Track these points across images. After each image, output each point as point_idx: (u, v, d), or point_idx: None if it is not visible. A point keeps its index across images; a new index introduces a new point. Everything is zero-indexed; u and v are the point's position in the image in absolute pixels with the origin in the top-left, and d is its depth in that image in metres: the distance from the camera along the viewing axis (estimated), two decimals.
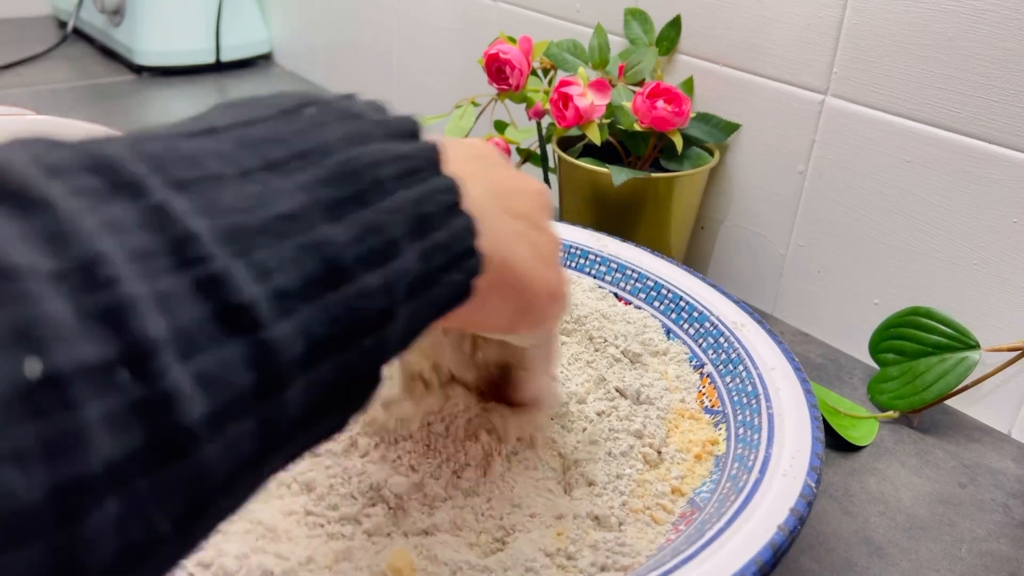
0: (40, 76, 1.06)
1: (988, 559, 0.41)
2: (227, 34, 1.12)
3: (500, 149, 0.34)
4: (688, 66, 0.64)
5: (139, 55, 1.08)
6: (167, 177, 0.17)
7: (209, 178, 0.18)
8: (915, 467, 0.47)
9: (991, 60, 0.47)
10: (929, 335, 0.50)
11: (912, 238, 0.53)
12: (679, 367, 0.46)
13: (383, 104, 0.25)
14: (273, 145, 0.20)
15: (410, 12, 0.92)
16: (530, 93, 0.65)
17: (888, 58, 0.52)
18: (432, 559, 0.33)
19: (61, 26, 1.27)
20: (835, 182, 0.56)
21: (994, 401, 0.51)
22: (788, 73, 0.57)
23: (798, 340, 0.60)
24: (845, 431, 0.48)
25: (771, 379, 0.41)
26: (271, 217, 0.18)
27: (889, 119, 0.53)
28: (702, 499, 0.37)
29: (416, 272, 0.22)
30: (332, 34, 1.06)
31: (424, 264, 0.22)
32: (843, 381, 0.55)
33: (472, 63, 0.84)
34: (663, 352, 0.47)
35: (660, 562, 0.31)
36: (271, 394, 0.17)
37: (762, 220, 0.62)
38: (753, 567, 0.29)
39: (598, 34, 0.64)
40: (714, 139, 0.61)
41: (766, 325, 0.46)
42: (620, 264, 0.53)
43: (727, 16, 0.60)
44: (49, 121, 0.60)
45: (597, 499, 0.37)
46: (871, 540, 0.42)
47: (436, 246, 0.23)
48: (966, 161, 0.49)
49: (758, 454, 0.37)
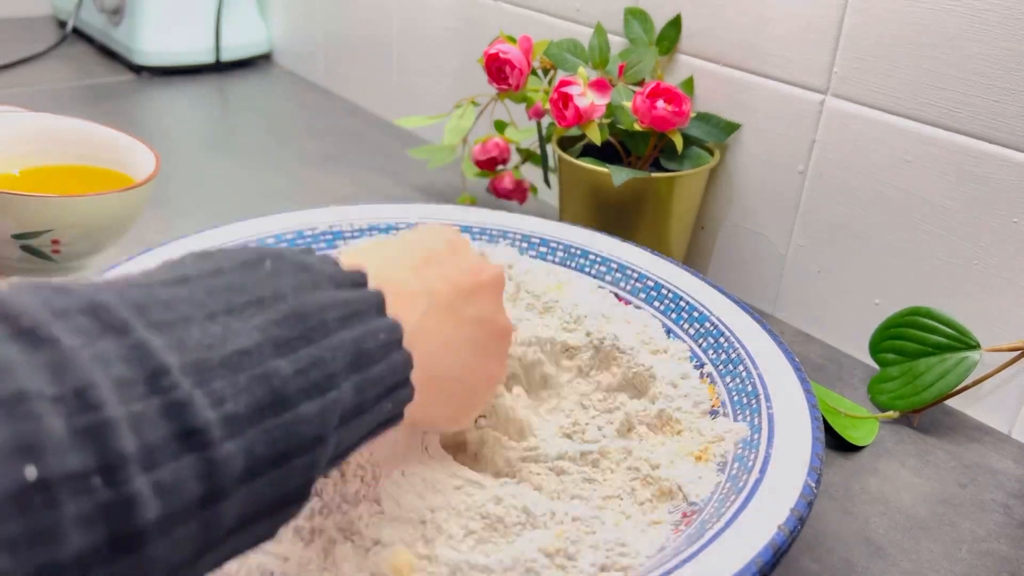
0: (40, 76, 1.06)
1: (988, 559, 0.41)
2: (227, 34, 1.12)
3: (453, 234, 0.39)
4: (688, 66, 0.64)
5: (139, 55, 1.08)
6: (147, 319, 0.21)
7: (181, 320, 0.22)
8: (915, 467, 0.47)
9: (991, 60, 0.47)
10: (929, 335, 0.50)
11: (912, 238, 0.53)
12: (679, 365, 0.46)
13: (335, 258, 0.29)
14: (235, 293, 0.24)
15: (410, 12, 0.92)
16: (530, 93, 0.65)
17: (888, 58, 0.52)
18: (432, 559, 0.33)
19: (61, 26, 1.27)
20: (835, 182, 0.56)
21: (994, 401, 0.51)
22: (788, 73, 0.57)
23: (798, 340, 0.60)
24: (845, 431, 0.48)
25: (771, 379, 0.41)
26: (229, 353, 0.22)
27: (889, 119, 0.53)
28: (702, 499, 0.37)
29: (349, 403, 0.26)
30: (332, 34, 1.06)
31: (357, 396, 0.26)
32: (843, 381, 0.55)
33: (472, 63, 0.84)
34: (663, 350, 0.47)
35: (660, 562, 0.31)
36: (213, 503, 0.21)
37: (762, 220, 0.62)
38: (753, 567, 0.29)
39: (598, 34, 0.64)
40: (714, 139, 0.61)
41: (766, 325, 0.46)
42: (620, 264, 0.53)
43: (727, 16, 0.60)
44: (39, 118, 0.60)
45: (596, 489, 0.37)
46: (871, 540, 0.42)
47: (370, 379, 0.27)
48: (966, 161, 0.49)
49: (758, 454, 0.37)
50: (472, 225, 0.56)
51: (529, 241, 0.55)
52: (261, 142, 0.92)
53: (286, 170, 0.84)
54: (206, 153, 0.87)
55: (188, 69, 1.11)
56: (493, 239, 0.56)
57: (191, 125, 0.96)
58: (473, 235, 0.56)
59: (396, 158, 0.88)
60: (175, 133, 0.92)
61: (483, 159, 0.71)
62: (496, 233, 0.56)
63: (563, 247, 0.55)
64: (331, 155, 0.88)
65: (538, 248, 0.55)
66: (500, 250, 0.54)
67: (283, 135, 0.94)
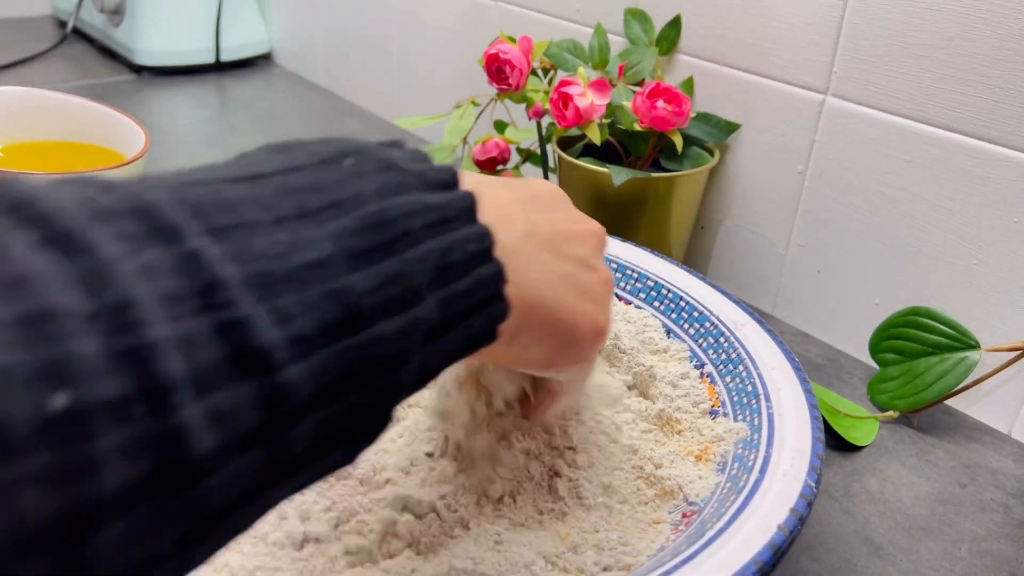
0: (40, 76, 1.06)
1: (988, 559, 0.41)
2: (227, 34, 1.12)
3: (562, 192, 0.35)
4: (688, 66, 0.64)
5: (139, 55, 1.08)
6: (204, 224, 0.19)
7: (244, 225, 0.19)
8: (915, 467, 0.47)
9: (991, 60, 0.47)
10: (929, 335, 0.50)
11: (912, 238, 0.53)
12: (679, 365, 0.46)
13: (424, 154, 0.26)
14: (310, 194, 0.22)
15: (410, 12, 0.92)
16: (530, 93, 0.65)
17: (888, 58, 0.52)
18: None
19: (61, 26, 1.27)
20: (835, 182, 0.56)
21: (994, 401, 0.51)
22: (788, 73, 0.57)
23: (798, 340, 0.60)
24: (845, 431, 0.48)
25: (771, 379, 0.41)
26: (298, 265, 0.20)
27: (889, 119, 0.53)
28: (702, 499, 0.37)
29: (434, 319, 0.23)
30: (332, 34, 1.06)
31: (443, 311, 0.24)
32: (843, 381, 0.55)
33: (472, 63, 0.84)
34: (663, 350, 0.47)
35: (660, 562, 0.31)
36: (279, 431, 0.19)
37: (762, 220, 0.62)
38: (753, 567, 0.29)
39: (598, 34, 0.64)
40: (714, 139, 0.61)
41: (766, 325, 0.46)
42: (620, 264, 0.53)
43: (727, 16, 0.60)
44: (25, 92, 0.58)
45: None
46: (871, 540, 0.42)
47: (457, 294, 0.24)
48: (966, 161, 0.49)
49: (758, 454, 0.37)
50: None
51: None
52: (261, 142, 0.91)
53: None
54: (206, 153, 0.87)
55: (188, 69, 1.11)
56: None
57: (191, 125, 0.96)
58: None
59: None
60: (175, 133, 0.92)
61: (483, 159, 0.71)
62: None
63: None
64: None
65: None
66: None
67: (283, 135, 0.94)
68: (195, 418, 0.17)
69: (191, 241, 0.18)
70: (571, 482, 0.38)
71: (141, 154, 0.53)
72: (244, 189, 0.21)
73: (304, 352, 0.19)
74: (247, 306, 0.18)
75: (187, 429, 0.17)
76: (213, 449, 0.17)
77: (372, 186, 0.23)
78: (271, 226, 0.20)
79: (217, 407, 0.17)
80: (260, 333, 0.18)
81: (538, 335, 0.30)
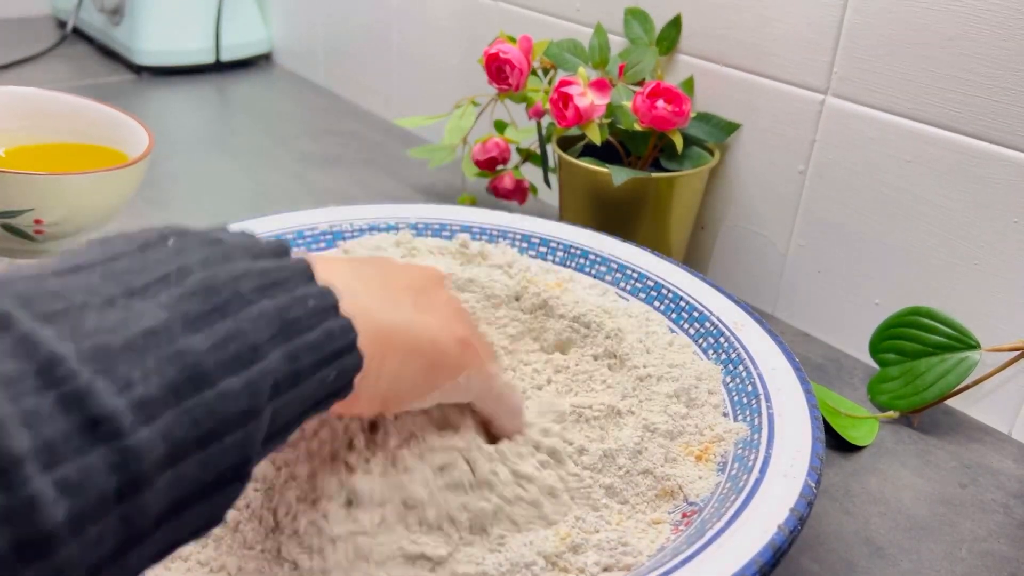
0: (40, 76, 1.06)
1: (988, 559, 0.41)
2: (227, 34, 1.12)
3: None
4: (688, 66, 0.64)
5: (139, 55, 1.08)
6: (33, 311, 0.20)
7: (74, 308, 0.20)
8: (915, 467, 0.47)
9: (991, 60, 0.47)
10: (929, 335, 0.50)
11: (912, 238, 0.53)
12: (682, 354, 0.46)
13: (251, 234, 0.27)
14: (135, 275, 0.22)
15: (410, 12, 0.92)
16: (530, 93, 0.65)
17: (888, 58, 0.52)
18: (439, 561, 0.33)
19: (61, 26, 1.27)
20: (835, 182, 0.56)
21: (994, 401, 0.51)
22: (788, 73, 0.57)
23: (798, 340, 0.60)
24: (845, 431, 0.48)
25: (771, 379, 0.41)
26: (135, 334, 0.21)
27: (889, 119, 0.52)
28: (702, 499, 0.37)
29: (282, 372, 0.24)
30: (332, 34, 1.06)
31: (290, 364, 0.24)
32: (843, 381, 0.55)
33: (472, 63, 0.84)
34: (668, 344, 0.47)
35: (660, 562, 0.31)
36: (133, 494, 0.19)
37: (762, 220, 0.62)
38: (753, 567, 0.29)
39: (598, 34, 0.64)
40: (714, 139, 0.61)
41: (766, 325, 0.46)
42: (620, 264, 0.53)
43: (728, 16, 0.60)
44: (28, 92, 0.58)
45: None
46: (871, 540, 0.42)
47: (305, 347, 0.25)
48: (966, 161, 0.49)
49: (758, 454, 0.37)
50: (472, 225, 0.56)
51: (529, 241, 0.55)
52: (261, 142, 0.92)
53: (286, 170, 0.84)
54: (206, 153, 0.87)
55: (188, 69, 1.11)
56: (493, 239, 0.56)
57: (191, 125, 0.96)
58: (473, 235, 0.56)
59: (396, 158, 0.88)
60: (175, 133, 0.92)
61: (483, 159, 0.71)
62: (496, 233, 0.56)
63: (563, 247, 0.55)
64: (331, 155, 0.88)
65: (538, 248, 0.55)
66: (500, 250, 0.54)
67: (283, 135, 0.94)
68: (45, 490, 0.17)
69: (22, 326, 0.19)
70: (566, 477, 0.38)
71: (145, 154, 0.53)
72: (69, 279, 0.21)
73: (151, 415, 0.20)
74: (87, 377, 0.19)
75: (38, 500, 0.17)
76: (67, 518, 0.18)
77: (196, 258, 0.24)
78: (101, 306, 0.21)
79: (67, 477, 0.18)
80: (104, 400, 0.19)
81: (404, 357, 0.31)
